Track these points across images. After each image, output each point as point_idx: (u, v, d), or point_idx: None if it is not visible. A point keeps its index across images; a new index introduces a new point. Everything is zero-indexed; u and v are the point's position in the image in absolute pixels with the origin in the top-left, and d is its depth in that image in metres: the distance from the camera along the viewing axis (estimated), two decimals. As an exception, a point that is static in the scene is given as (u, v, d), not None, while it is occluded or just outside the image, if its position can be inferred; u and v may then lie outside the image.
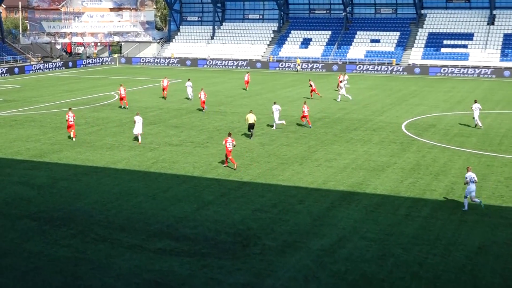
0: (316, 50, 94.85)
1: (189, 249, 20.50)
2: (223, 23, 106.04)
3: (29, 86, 69.10)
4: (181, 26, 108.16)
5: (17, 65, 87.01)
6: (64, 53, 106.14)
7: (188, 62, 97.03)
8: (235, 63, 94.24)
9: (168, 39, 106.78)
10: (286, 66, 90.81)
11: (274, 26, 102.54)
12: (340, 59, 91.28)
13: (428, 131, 41.43)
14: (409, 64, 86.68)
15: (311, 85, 57.21)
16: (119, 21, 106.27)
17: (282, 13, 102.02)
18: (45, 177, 29.62)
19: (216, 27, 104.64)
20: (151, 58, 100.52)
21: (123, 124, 43.47)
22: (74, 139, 37.82)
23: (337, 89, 61.57)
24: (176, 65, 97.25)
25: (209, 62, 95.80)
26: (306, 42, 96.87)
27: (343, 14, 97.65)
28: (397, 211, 24.57)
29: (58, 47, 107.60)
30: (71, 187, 27.94)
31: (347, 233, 22.07)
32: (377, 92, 63.38)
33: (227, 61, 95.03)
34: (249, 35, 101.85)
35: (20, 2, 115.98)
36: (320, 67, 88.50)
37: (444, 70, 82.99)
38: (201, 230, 22.35)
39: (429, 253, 20.20)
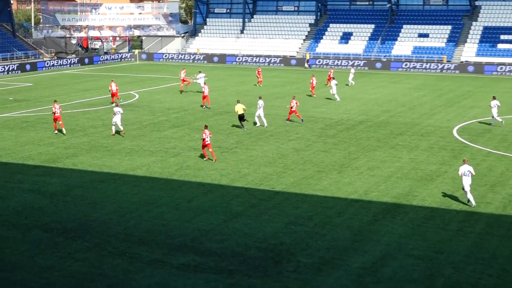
0: (357, 45, 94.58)
1: (215, 265, 20.56)
2: (254, 16, 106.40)
3: (42, 84, 70.11)
4: (207, 19, 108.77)
5: (29, 61, 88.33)
6: (79, 49, 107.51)
7: (216, 59, 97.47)
8: (268, 60, 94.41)
9: (193, 33, 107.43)
10: (324, 63, 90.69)
11: (311, 19, 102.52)
12: (384, 56, 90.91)
13: (483, 136, 41.00)
14: (462, 62, 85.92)
15: (311, 82, 59.26)
16: (140, 14, 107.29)
17: (319, 4, 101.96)
18: (58, 184, 29.99)
19: (246, 20, 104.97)
20: (174, 54, 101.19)
21: (143, 126, 43.83)
22: (55, 132, 40.97)
23: (328, 85, 62.42)
24: (202, 61, 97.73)
25: (239, 59, 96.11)
26: (346, 37, 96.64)
27: (388, 5, 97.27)
28: (448, 226, 24.35)
29: (74, 41, 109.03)
30: (87, 195, 28.23)
31: (391, 249, 21.94)
32: (425, 92, 62.94)
33: (258, 58, 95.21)
34: (283, 29, 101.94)
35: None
36: (362, 65, 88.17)
37: (501, 68, 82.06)
38: (228, 244, 22.41)
39: (483, 273, 19.98)
